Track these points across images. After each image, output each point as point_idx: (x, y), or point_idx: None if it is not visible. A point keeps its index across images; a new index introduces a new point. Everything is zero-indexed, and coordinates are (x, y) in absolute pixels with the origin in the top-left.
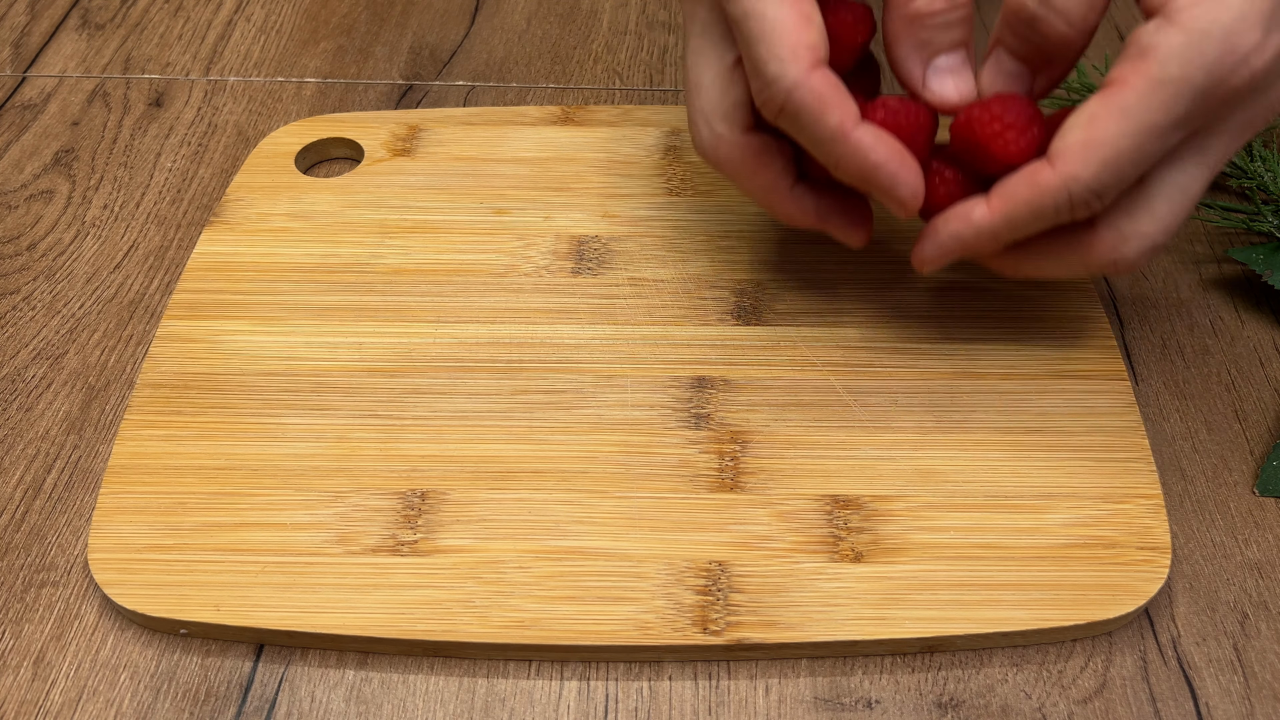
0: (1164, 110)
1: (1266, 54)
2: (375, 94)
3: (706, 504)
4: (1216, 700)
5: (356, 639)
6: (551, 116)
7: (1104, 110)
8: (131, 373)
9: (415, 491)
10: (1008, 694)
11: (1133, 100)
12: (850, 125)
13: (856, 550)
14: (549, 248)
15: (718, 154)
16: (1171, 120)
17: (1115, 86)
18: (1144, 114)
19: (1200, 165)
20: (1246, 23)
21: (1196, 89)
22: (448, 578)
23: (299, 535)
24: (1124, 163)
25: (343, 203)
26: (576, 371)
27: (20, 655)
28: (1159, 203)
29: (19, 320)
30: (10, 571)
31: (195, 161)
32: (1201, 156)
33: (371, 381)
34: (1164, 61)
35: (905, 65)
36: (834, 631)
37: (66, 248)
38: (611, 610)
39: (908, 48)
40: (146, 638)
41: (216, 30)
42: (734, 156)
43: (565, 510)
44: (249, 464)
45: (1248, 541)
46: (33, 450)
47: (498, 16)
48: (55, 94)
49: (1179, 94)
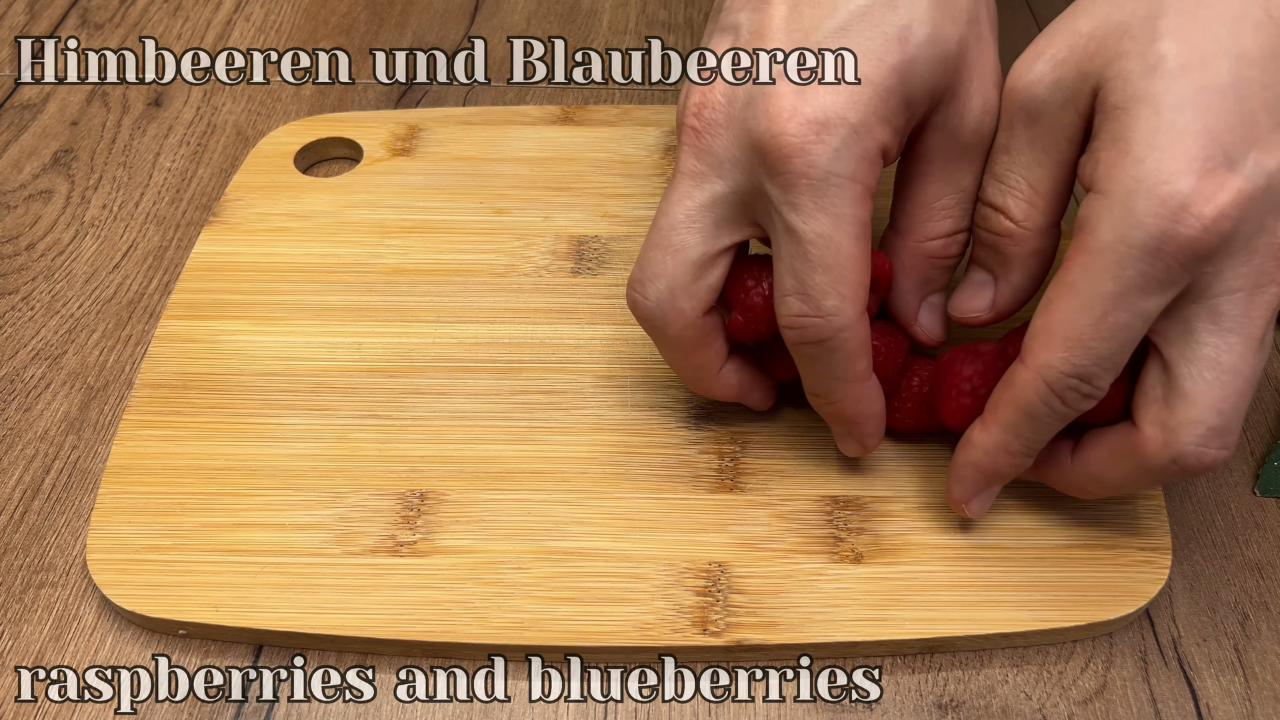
0: (1110, 278)
1: (1220, 198)
2: (374, 94)
3: (706, 504)
4: (1217, 701)
5: (356, 640)
6: (551, 116)
7: (1055, 292)
8: (130, 373)
9: (414, 492)
10: (1008, 695)
11: (1077, 275)
12: (870, 372)
13: (857, 551)
14: (549, 248)
15: (663, 323)
16: (1124, 286)
17: (1064, 267)
18: (1091, 286)
19: (1222, 333)
20: (1174, 171)
21: (1139, 248)
22: (447, 578)
23: (298, 536)
24: (1090, 339)
25: (342, 202)
26: (576, 371)
27: (19, 656)
28: (1190, 384)
29: (18, 320)
30: (9, 572)
31: (194, 161)
32: (1217, 322)
33: (371, 382)
34: (1096, 230)
35: (905, 298)
36: (834, 632)
37: (65, 248)
38: (611, 611)
39: (913, 282)
40: (145, 638)
41: (216, 30)
42: (683, 335)
43: (565, 511)
44: (248, 464)
45: (1248, 542)
46: (31, 450)
47: (497, 16)
48: (54, 94)
49: (1121, 258)
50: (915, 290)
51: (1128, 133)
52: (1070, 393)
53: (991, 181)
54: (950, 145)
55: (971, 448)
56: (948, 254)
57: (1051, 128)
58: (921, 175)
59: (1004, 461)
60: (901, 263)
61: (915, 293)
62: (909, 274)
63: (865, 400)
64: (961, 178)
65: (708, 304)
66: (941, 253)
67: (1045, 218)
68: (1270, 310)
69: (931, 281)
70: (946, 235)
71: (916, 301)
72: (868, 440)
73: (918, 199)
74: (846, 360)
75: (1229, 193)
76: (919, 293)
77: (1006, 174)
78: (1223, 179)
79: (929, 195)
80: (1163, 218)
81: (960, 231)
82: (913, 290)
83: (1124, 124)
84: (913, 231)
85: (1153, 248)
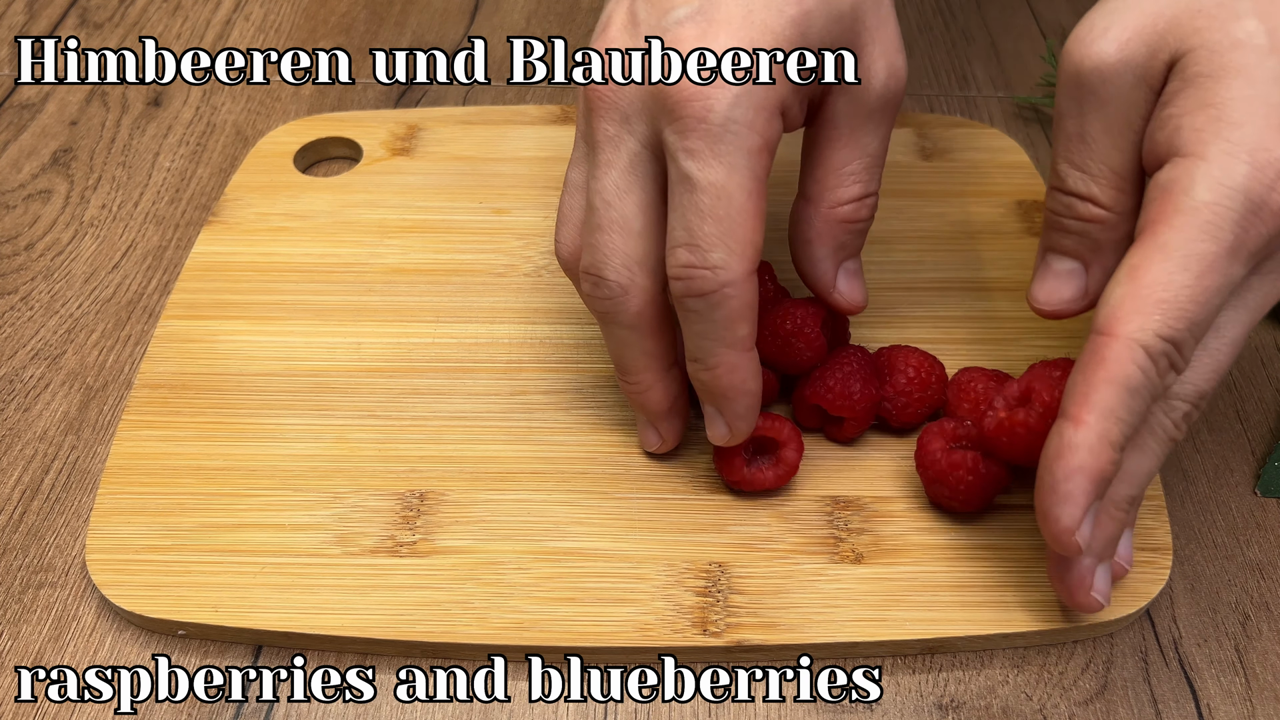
0: (1210, 237)
1: None
2: (374, 93)
3: (706, 505)
4: (1218, 701)
5: (355, 640)
6: (551, 115)
7: (1142, 257)
8: (129, 373)
9: (414, 492)
10: (1008, 695)
11: (1169, 236)
12: (751, 343)
13: (857, 551)
14: (549, 247)
15: (626, 301)
16: (1222, 247)
17: (1149, 230)
18: (1187, 245)
19: (1237, 308)
20: (1273, 140)
21: (1238, 209)
22: (447, 579)
23: (297, 536)
24: (1186, 301)
25: (341, 202)
26: (576, 371)
27: (19, 656)
28: None
29: (17, 320)
30: (8, 572)
31: (193, 161)
32: (1244, 294)
33: (370, 382)
34: (1190, 191)
35: (821, 265)
36: (834, 632)
37: (65, 248)
38: (611, 611)
39: (828, 248)
40: (144, 639)
41: (215, 30)
42: (644, 312)
43: (565, 511)
44: (247, 464)
45: (1249, 542)
46: (30, 451)
47: (497, 16)
48: (54, 93)
49: (1219, 218)
50: (830, 257)
51: (1220, 100)
52: (1164, 360)
53: (1072, 171)
54: (856, 110)
55: (1070, 451)
56: (858, 218)
57: (1125, 107)
58: (829, 140)
59: (1108, 458)
60: (816, 230)
61: (831, 259)
62: (823, 240)
63: (742, 371)
64: (869, 142)
65: (663, 279)
66: (853, 216)
67: (1132, 199)
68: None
69: (845, 247)
70: (857, 199)
71: (833, 268)
72: (737, 423)
73: (827, 164)
74: (728, 320)
75: None
76: (834, 259)
77: (1087, 162)
78: None
79: (838, 160)
80: (1261, 183)
81: (869, 195)
82: (828, 257)
83: (1215, 92)
84: (823, 198)
85: (1250, 210)
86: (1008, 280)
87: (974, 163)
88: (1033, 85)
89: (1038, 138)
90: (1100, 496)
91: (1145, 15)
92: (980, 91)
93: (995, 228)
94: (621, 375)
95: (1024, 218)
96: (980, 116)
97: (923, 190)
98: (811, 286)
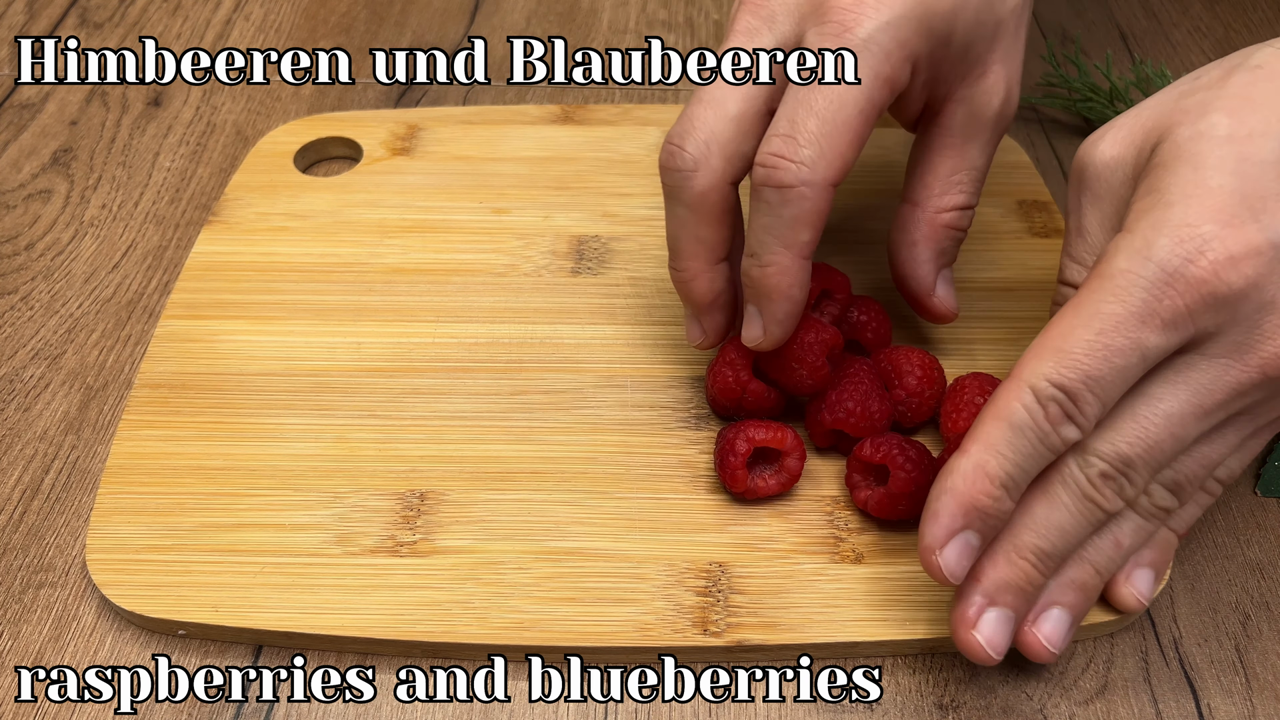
0: (1115, 299)
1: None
2: (374, 93)
3: (706, 504)
4: (1218, 701)
5: (355, 640)
6: (551, 115)
7: (1059, 313)
8: (130, 373)
9: (414, 492)
10: (1009, 695)
11: (1084, 295)
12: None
13: (857, 551)
14: (549, 247)
15: (694, 178)
16: (1127, 310)
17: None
18: (1094, 304)
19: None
20: (1199, 217)
21: (1149, 277)
22: (447, 579)
23: (297, 536)
24: (1081, 354)
25: (341, 202)
26: (576, 371)
27: (19, 656)
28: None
29: (17, 320)
30: (8, 572)
31: (194, 161)
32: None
33: (370, 381)
34: (1112, 259)
35: (924, 268)
36: (834, 632)
37: (65, 247)
38: (611, 611)
39: (930, 252)
40: (145, 639)
41: (215, 30)
42: (708, 196)
43: (565, 511)
44: (247, 464)
45: (1249, 542)
46: (31, 450)
47: (497, 16)
48: (54, 93)
49: (1130, 283)
50: (932, 260)
51: (1163, 184)
52: (1053, 406)
53: (1070, 264)
54: (972, 122)
55: (945, 474)
56: (960, 226)
57: (1116, 202)
58: (941, 148)
59: (983, 489)
60: (921, 233)
61: (933, 263)
62: (927, 244)
63: (791, 275)
64: (977, 156)
65: (739, 172)
66: (956, 224)
67: None
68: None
69: (946, 253)
70: (961, 208)
71: (934, 272)
72: (773, 327)
73: (936, 171)
74: (795, 220)
75: (1247, 246)
76: (935, 263)
77: (1083, 254)
78: (1246, 233)
79: (947, 168)
80: (1177, 255)
81: (969, 208)
82: (930, 260)
83: (1162, 177)
84: (929, 203)
85: (1162, 280)
86: (1008, 280)
87: None
88: (1033, 85)
89: (1038, 138)
90: (977, 530)
91: (1140, 119)
92: None
93: (995, 228)
94: (671, 259)
95: (1024, 218)
96: None
97: None
98: (911, 289)
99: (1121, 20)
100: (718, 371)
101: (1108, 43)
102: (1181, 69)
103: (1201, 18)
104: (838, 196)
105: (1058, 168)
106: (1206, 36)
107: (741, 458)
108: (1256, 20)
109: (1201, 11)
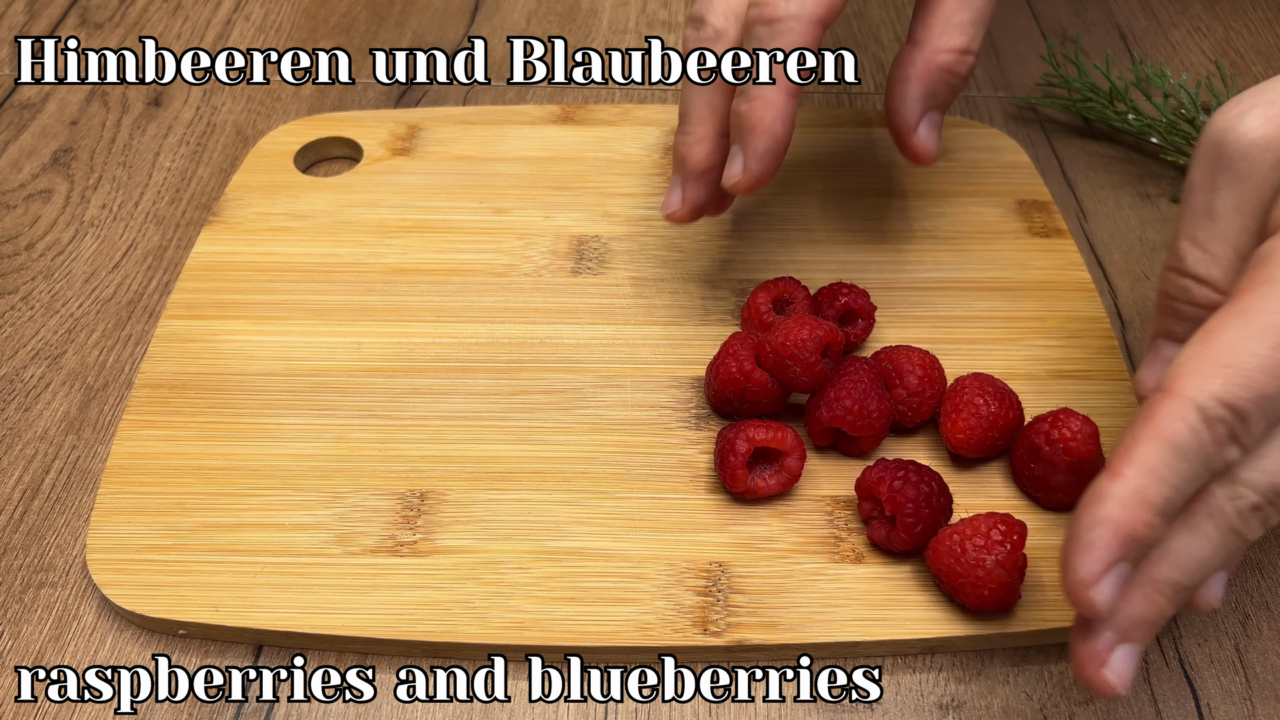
0: None
1: None
2: (374, 93)
3: (706, 504)
4: (1218, 701)
5: (355, 640)
6: (551, 115)
7: (1220, 321)
8: (130, 373)
9: (414, 492)
10: (1009, 695)
11: (1251, 303)
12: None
13: (857, 551)
14: (549, 247)
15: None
16: None
17: (1235, 296)
18: (1267, 314)
19: None
20: None
21: None
22: (447, 579)
23: (298, 536)
24: (1254, 370)
25: (341, 202)
26: (576, 371)
27: (19, 656)
28: None
29: (17, 320)
30: (8, 572)
31: (194, 161)
32: None
33: (370, 381)
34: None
35: (910, 105)
36: (834, 632)
37: (65, 247)
38: (611, 611)
39: (921, 91)
40: (145, 638)
41: (215, 30)
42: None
43: (565, 511)
44: (248, 464)
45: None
46: (31, 450)
47: (497, 16)
48: (54, 93)
49: None
50: (921, 100)
51: None
52: (1220, 427)
53: (1193, 250)
54: None
55: (1099, 501)
56: (957, 71)
57: (1259, 186)
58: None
59: (1142, 518)
60: (916, 70)
61: (920, 102)
62: (920, 81)
63: (774, 110)
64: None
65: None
66: (953, 67)
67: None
68: None
69: (936, 95)
70: (960, 50)
71: (919, 112)
72: (753, 163)
73: (938, 13)
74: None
75: None
76: (923, 104)
77: (1211, 241)
78: None
79: (949, 9)
80: None
81: (970, 52)
82: (919, 99)
83: None
84: (929, 43)
85: None
86: (1008, 280)
87: (974, 163)
88: (1033, 85)
89: (1037, 138)
90: (1130, 560)
91: None
92: (980, 91)
93: (995, 228)
94: (681, 125)
95: (1024, 218)
96: (980, 116)
97: (923, 190)
98: (896, 126)
99: (1121, 20)
100: (720, 363)
101: (1108, 43)
102: (1181, 69)
103: (1201, 18)
104: (830, 198)
105: (1057, 168)
106: (1206, 36)
107: (741, 458)
108: (1256, 20)
109: (1201, 11)
